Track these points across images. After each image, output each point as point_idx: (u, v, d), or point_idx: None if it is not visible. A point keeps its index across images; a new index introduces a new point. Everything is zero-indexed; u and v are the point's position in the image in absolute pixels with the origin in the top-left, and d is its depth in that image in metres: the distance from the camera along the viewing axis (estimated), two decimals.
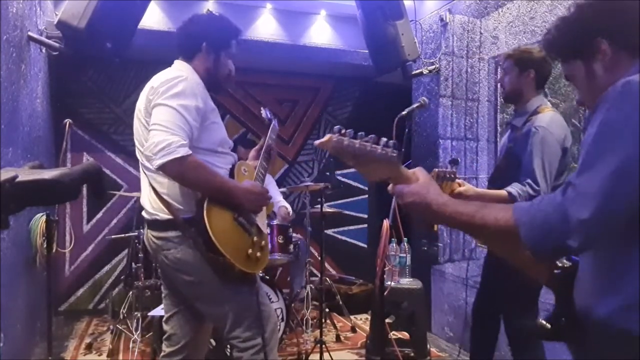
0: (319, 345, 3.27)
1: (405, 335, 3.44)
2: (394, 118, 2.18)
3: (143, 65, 4.46)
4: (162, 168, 1.77)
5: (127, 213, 4.77)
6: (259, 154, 2.22)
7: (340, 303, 4.17)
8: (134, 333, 3.45)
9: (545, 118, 2.27)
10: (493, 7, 3.80)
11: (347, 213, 5.46)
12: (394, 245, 3.24)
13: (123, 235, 4.07)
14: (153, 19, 4.13)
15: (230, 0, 4.32)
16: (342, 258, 5.53)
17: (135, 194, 3.65)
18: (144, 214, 2.01)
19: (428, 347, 3.41)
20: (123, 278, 4.08)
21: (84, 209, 4.74)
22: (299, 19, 4.66)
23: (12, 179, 0.87)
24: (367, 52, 3.88)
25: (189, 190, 1.89)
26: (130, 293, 3.71)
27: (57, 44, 3.20)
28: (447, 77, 4.06)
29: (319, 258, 3.74)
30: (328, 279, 4.16)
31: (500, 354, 2.92)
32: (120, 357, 3.56)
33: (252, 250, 1.94)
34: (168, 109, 1.81)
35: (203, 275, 1.89)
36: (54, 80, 4.28)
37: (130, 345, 3.49)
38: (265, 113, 2.42)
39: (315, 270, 4.59)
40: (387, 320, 3.26)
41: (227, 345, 2.85)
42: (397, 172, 1.11)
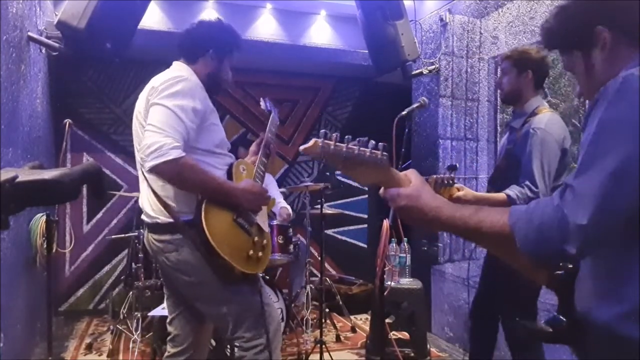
0: (319, 345, 3.27)
1: (405, 335, 3.44)
2: (394, 118, 2.19)
3: (143, 65, 4.46)
4: (154, 170, 1.75)
5: (127, 213, 4.77)
6: (259, 149, 2.21)
7: (340, 303, 4.17)
8: (134, 333, 3.45)
9: (544, 119, 2.28)
10: (493, 7, 3.80)
11: (347, 213, 5.46)
12: (394, 245, 3.24)
13: (123, 236, 4.07)
14: (153, 19, 4.12)
15: (230, 0, 4.32)
16: (342, 258, 5.53)
17: (135, 194, 3.63)
18: (144, 217, 2.00)
19: (428, 347, 3.41)
20: (123, 278, 4.08)
21: (84, 209, 4.74)
22: (299, 19, 4.66)
23: (12, 179, 0.87)
24: (367, 52, 3.87)
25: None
26: (130, 293, 3.71)
27: (57, 44, 3.19)
28: (447, 77, 4.06)
29: (319, 258, 3.74)
30: (328, 279, 4.15)
31: (500, 354, 2.93)
32: (120, 357, 3.56)
33: (252, 251, 1.93)
34: (163, 109, 1.81)
35: (203, 276, 1.89)
36: (54, 80, 4.28)
37: (130, 346, 3.49)
38: (265, 104, 2.38)
39: (315, 271, 4.59)
40: (387, 320, 3.26)
41: (227, 346, 2.85)
42: (387, 175, 1.07)
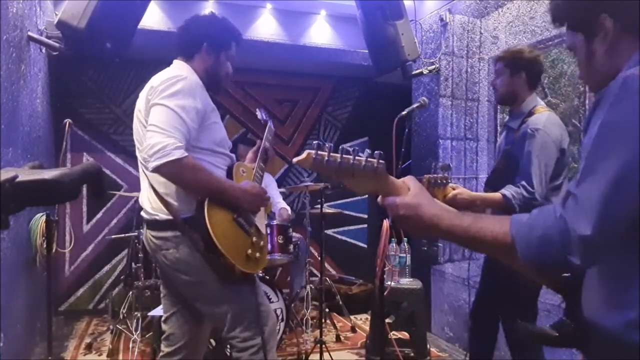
0: (319, 345, 3.27)
1: (405, 335, 3.44)
2: (394, 118, 2.20)
3: (143, 65, 4.45)
4: (157, 170, 1.77)
5: (127, 213, 4.77)
6: (256, 156, 2.23)
7: (340, 303, 4.17)
8: (134, 333, 3.45)
9: (542, 119, 2.27)
10: (493, 7, 3.80)
11: (347, 213, 5.46)
12: (394, 245, 3.24)
13: (123, 235, 4.07)
14: (153, 19, 4.13)
15: (230, 0, 4.33)
16: (342, 258, 5.53)
17: (135, 194, 3.64)
18: (143, 214, 2.01)
19: (428, 347, 3.41)
20: (123, 278, 4.08)
21: (84, 209, 4.74)
22: (299, 19, 4.66)
23: (12, 179, 0.87)
24: (367, 52, 3.87)
25: None
26: (130, 293, 3.72)
27: (57, 44, 3.19)
28: (447, 77, 4.06)
29: (319, 258, 3.74)
30: (328, 279, 4.15)
31: (500, 354, 2.93)
32: (120, 357, 3.56)
33: (251, 251, 1.94)
34: (165, 109, 1.81)
35: (202, 275, 1.89)
36: (54, 80, 4.28)
37: (130, 345, 3.49)
38: (261, 114, 2.42)
39: (315, 270, 4.60)
40: (387, 320, 3.26)
41: (227, 346, 2.85)
42: (385, 183, 1.05)
